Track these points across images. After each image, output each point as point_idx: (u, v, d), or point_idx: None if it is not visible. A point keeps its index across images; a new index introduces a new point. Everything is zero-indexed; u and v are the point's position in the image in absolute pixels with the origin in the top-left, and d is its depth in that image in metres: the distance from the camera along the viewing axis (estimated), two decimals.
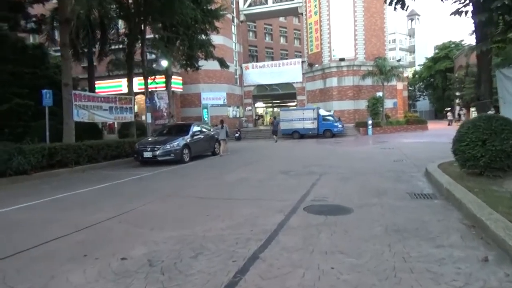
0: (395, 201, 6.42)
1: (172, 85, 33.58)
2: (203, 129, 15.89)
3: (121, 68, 22.78)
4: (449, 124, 40.97)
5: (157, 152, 12.95)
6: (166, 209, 6.48)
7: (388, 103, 34.72)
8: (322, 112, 29.45)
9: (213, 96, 36.76)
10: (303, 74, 39.47)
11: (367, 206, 6.09)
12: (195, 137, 14.57)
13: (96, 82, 33.76)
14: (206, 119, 34.47)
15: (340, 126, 28.57)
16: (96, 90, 31.62)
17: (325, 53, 36.37)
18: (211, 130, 16.82)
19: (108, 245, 4.59)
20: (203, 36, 23.55)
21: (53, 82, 20.53)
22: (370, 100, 31.86)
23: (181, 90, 35.16)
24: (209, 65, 29.99)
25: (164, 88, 23.18)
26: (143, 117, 24.55)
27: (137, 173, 11.41)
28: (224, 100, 37.40)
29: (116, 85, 31.75)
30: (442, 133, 27.84)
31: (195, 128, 15.01)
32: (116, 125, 25.36)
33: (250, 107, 42.68)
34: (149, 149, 13.07)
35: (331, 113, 31.28)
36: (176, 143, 13.39)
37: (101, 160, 13.29)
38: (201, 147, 15.09)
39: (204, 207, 6.47)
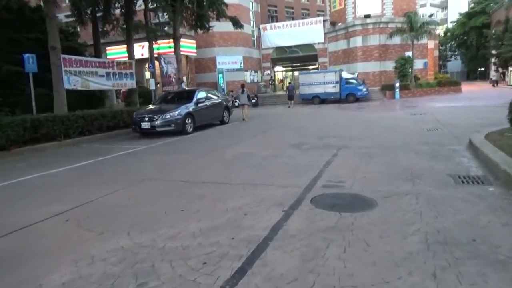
0: (434, 188, 4.81)
1: (185, 49, 32.05)
2: (210, 96, 14.32)
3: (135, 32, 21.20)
4: (494, 85, 37.45)
5: (156, 123, 11.58)
6: (136, 199, 5.12)
7: (418, 64, 31.84)
8: (345, 74, 27.17)
9: (229, 60, 34.88)
10: (325, 34, 36.72)
11: (397, 197, 4.53)
12: (200, 105, 13.06)
13: (107, 48, 32.73)
14: (221, 84, 32.86)
15: (364, 89, 26.33)
16: (108, 57, 30.44)
17: (349, 10, 33.43)
18: (220, 96, 15.23)
19: (22, 265, 3.27)
20: None
21: None
22: (398, 61, 29.20)
23: (195, 54, 33.41)
24: (224, 26, 28.03)
25: (173, 52, 21.50)
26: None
27: (130, 146, 10.11)
28: (241, 64, 35.48)
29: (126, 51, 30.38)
30: (479, 95, 25.30)
31: (200, 95, 13.45)
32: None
33: (269, 71, 40.53)
34: (147, 119, 11.71)
35: (355, 75, 28.95)
36: (177, 112, 11.94)
37: (96, 131, 12.07)
38: (208, 115, 13.61)
39: (184, 197, 5.07)
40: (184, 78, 32.37)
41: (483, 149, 6.34)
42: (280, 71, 45.98)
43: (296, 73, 42.46)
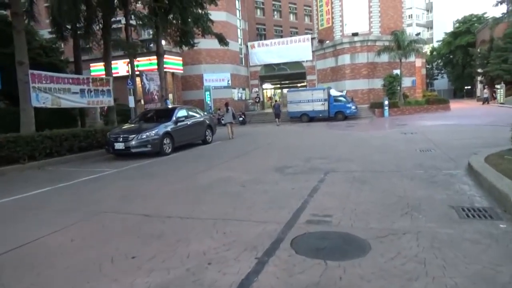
0: (436, 224, 4.08)
1: (172, 66, 31.49)
2: (192, 114, 13.56)
3: (117, 49, 20.46)
4: (483, 103, 37.37)
5: (131, 143, 10.74)
6: (82, 240, 4.27)
7: (406, 82, 31.73)
8: (333, 92, 26.79)
9: (216, 78, 34.36)
10: (313, 51, 36.58)
11: (393, 237, 3.78)
12: (180, 124, 12.28)
13: (92, 64, 31.94)
14: (208, 102, 32.21)
15: (353, 107, 25.91)
16: (92, 73, 29.62)
17: (336, 28, 33.36)
18: (202, 114, 14.48)
19: None
20: (200, 10, 20.97)
21: (37, 64, 18.47)
22: (386, 79, 29.02)
23: (181, 71, 32.82)
24: (211, 43, 27.63)
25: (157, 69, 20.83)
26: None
27: (99, 170, 9.23)
28: (228, 81, 34.96)
29: (113, 67, 29.59)
30: (468, 113, 25.04)
31: (181, 113, 12.67)
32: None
33: (257, 89, 40.11)
34: (121, 139, 10.85)
35: (343, 93, 28.63)
36: (154, 132, 11.12)
37: (66, 153, 11.16)
38: (189, 135, 12.82)
39: (140, 236, 4.24)
40: (170, 96, 31.68)
41: (485, 175, 5.66)
42: (268, 89, 45.66)
43: (285, 90, 42.16)
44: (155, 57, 24.45)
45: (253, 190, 6.20)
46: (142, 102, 20.32)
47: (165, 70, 30.24)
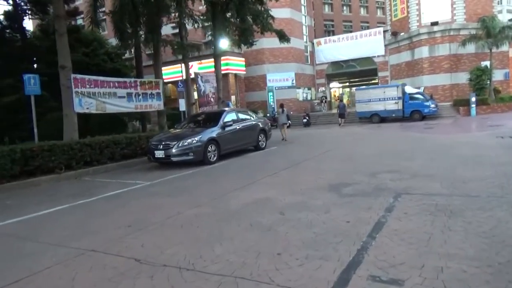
0: None
1: (234, 67, 30.77)
2: (243, 117, 12.23)
3: (179, 51, 20.01)
4: None
5: (172, 151, 9.71)
6: None
7: (498, 75, 27.40)
8: (409, 89, 23.85)
9: (280, 78, 32.98)
10: (385, 45, 33.43)
11: None
12: (227, 129, 11.01)
13: (162, 68, 32.52)
14: (271, 103, 30.90)
15: (432, 105, 22.76)
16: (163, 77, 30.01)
17: (412, 18, 30.02)
18: (255, 117, 13.07)
19: None
20: (259, 6, 19.73)
21: (101, 69, 18.69)
22: (473, 72, 25.14)
23: (244, 72, 31.97)
24: (274, 42, 26.20)
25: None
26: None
27: (132, 182, 8.26)
28: (292, 81, 33.40)
29: (176, 71, 29.67)
30: None
31: (229, 117, 11.39)
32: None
33: (323, 88, 37.90)
34: (161, 147, 9.88)
35: (421, 90, 25.49)
36: (197, 138, 9.97)
37: (106, 161, 10.50)
38: (238, 141, 11.49)
39: None
40: (233, 98, 31.01)
41: None
42: (336, 88, 43.10)
43: (354, 89, 39.48)
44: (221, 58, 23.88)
45: (292, 222, 4.61)
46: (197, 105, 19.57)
47: (227, 71, 29.89)
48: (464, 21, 28.21)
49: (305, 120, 26.92)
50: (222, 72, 29.31)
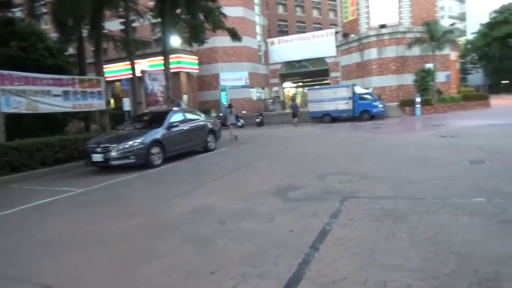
0: None
1: (186, 66, 29.91)
2: (190, 117, 11.69)
3: (124, 48, 18.93)
4: None
5: (111, 154, 8.99)
6: None
7: (440, 76, 28.72)
8: (358, 89, 24.36)
9: (233, 77, 32.57)
10: (337, 47, 34.09)
11: None
12: (173, 130, 10.42)
13: (105, 66, 30.89)
14: (224, 102, 30.42)
15: (380, 106, 23.40)
16: (106, 75, 28.43)
17: (362, 20, 30.83)
18: (204, 117, 12.54)
19: None
20: (210, 3, 19.22)
21: (40, 65, 17.23)
22: (418, 73, 26.18)
23: (197, 71, 31.19)
24: (227, 41, 25.73)
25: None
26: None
27: (62, 189, 7.50)
28: (246, 80, 33.12)
29: (126, 69, 28.26)
30: None
31: (175, 117, 10.81)
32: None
33: (277, 88, 37.99)
34: (99, 150, 9.14)
35: (370, 90, 26.16)
36: (139, 140, 9.32)
37: (38, 166, 9.55)
38: (185, 142, 10.93)
39: None
40: (185, 97, 30.15)
41: None
42: (289, 87, 43.43)
43: (306, 89, 40.01)
44: (170, 56, 22.91)
45: (233, 233, 4.25)
46: (144, 104, 18.69)
47: (179, 69, 28.99)
48: (410, 24, 29.37)
49: (258, 120, 26.72)
50: (174, 70, 28.47)
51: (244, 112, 30.27)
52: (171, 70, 27.69)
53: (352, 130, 17.65)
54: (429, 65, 26.72)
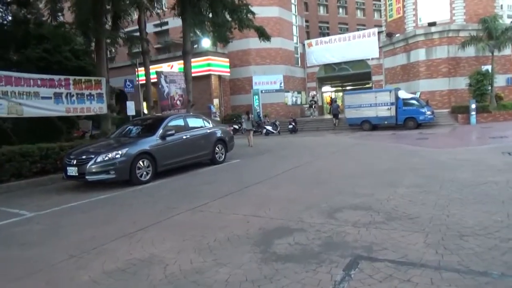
0: None
1: (218, 68, 28.64)
2: (194, 125, 10.01)
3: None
4: None
5: (86, 167, 7.55)
6: None
7: (500, 80, 25.34)
8: (403, 94, 21.74)
9: (267, 80, 30.93)
10: (380, 48, 31.36)
11: None
12: (169, 139, 8.80)
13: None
14: (257, 107, 28.78)
15: (428, 112, 20.68)
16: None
17: (409, 18, 28.00)
18: (211, 125, 10.81)
19: None
20: (236, 0, 17.74)
21: (63, 68, 16.64)
22: (473, 77, 23.03)
23: (229, 74, 29.84)
24: (261, 43, 24.38)
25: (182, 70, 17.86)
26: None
27: (14, 212, 6.13)
28: (281, 84, 31.34)
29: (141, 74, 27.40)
30: None
31: (172, 124, 9.15)
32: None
33: (314, 92, 35.74)
34: (74, 162, 7.74)
35: (416, 95, 23.43)
36: (122, 152, 7.79)
37: (10, 178, 8.32)
38: (185, 153, 9.22)
39: None
40: (216, 101, 28.89)
41: None
42: (328, 92, 40.99)
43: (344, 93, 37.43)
44: (200, 58, 21.75)
45: None
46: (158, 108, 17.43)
47: (209, 72, 27.78)
48: (463, 21, 26.20)
49: (290, 126, 24.78)
50: (204, 73, 27.38)
51: (277, 119, 28.35)
52: (201, 73, 26.72)
53: (391, 141, 15.26)
54: (487, 67, 23.62)
